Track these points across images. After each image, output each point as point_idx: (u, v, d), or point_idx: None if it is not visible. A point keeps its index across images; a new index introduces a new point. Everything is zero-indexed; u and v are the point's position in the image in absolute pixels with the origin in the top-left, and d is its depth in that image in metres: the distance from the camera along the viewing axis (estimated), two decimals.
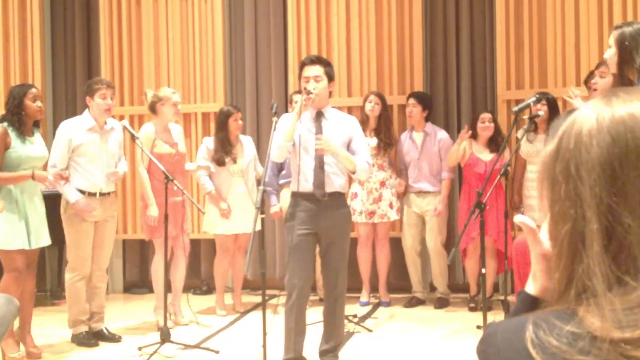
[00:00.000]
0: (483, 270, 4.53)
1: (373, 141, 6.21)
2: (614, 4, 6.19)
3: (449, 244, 6.43)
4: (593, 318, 0.86)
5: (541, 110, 5.57)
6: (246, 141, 6.22)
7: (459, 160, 6.18)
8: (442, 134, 6.40)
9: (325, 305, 4.46)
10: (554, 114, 5.69)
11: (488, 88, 6.76)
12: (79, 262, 5.17)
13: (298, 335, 4.31)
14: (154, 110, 5.62)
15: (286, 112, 5.91)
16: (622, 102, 0.91)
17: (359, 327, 5.59)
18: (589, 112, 0.92)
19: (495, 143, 6.07)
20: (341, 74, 6.67)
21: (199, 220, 6.52)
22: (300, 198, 4.31)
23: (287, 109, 6.36)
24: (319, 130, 4.34)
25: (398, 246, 6.57)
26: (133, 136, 5.11)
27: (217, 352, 4.95)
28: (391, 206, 6.33)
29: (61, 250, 6.64)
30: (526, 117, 5.39)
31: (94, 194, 5.18)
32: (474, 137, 6.12)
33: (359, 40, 6.78)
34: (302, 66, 4.42)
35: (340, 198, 4.39)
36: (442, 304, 6.33)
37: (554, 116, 5.64)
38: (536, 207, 5.65)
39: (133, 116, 7.04)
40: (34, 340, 4.98)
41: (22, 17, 7.27)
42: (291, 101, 6.06)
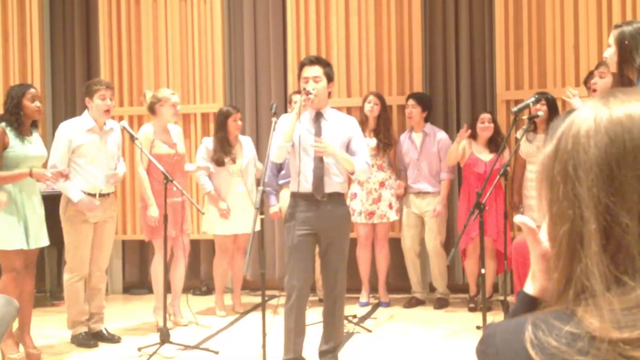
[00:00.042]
0: (482, 271, 4.54)
1: (372, 142, 6.21)
2: (613, 4, 6.19)
3: (448, 244, 6.43)
4: (592, 318, 0.86)
5: (540, 111, 5.57)
6: (245, 141, 6.22)
7: (458, 159, 6.18)
8: (441, 134, 6.40)
9: (324, 305, 4.46)
10: (553, 114, 5.69)
11: (487, 88, 6.76)
12: (77, 263, 5.17)
13: (297, 335, 4.32)
14: (153, 111, 5.62)
15: (285, 113, 5.91)
16: (620, 102, 0.92)
17: (358, 328, 5.59)
18: (587, 113, 0.93)
19: (495, 143, 6.07)
20: (340, 74, 6.67)
21: (199, 221, 6.52)
22: (299, 198, 4.31)
23: (287, 109, 6.36)
24: (319, 130, 4.34)
25: (397, 247, 6.57)
26: (132, 137, 5.11)
27: (216, 352, 4.95)
28: (390, 207, 6.33)
29: (60, 251, 6.64)
30: (525, 117, 5.39)
31: (93, 195, 5.18)
32: (473, 137, 6.12)
33: (358, 41, 6.78)
34: (301, 66, 4.42)
35: (339, 198, 4.39)
36: (441, 304, 6.33)
37: (553, 116, 5.64)
38: (535, 207, 5.65)
39: (132, 117, 7.04)
40: (34, 341, 4.98)
41: (21, 17, 7.27)
42: (290, 101, 6.05)
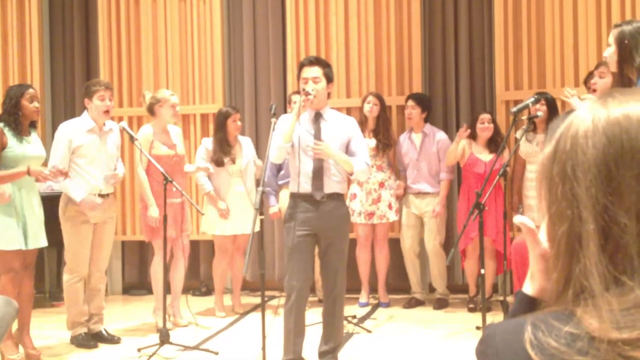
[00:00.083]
0: (482, 271, 4.54)
1: (372, 142, 6.21)
2: (612, 4, 6.19)
3: (448, 244, 6.43)
4: (591, 319, 0.86)
5: (540, 111, 5.57)
6: (245, 142, 6.22)
7: (457, 159, 6.18)
8: (440, 134, 6.40)
9: (324, 306, 4.46)
10: (552, 114, 5.69)
11: (487, 89, 6.76)
12: (77, 264, 5.17)
13: (297, 336, 4.31)
14: (152, 112, 5.62)
15: (285, 113, 5.91)
16: (618, 103, 0.92)
17: (358, 328, 5.59)
18: (586, 114, 0.93)
19: (495, 143, 6.07)
20: (340, 74, 6.67)
21: (198, 222, 6.52)
22: (299, 199, 4.31)
23: (286, 110, 6.36)
24: (318, 131, 4.34)
25: (397, 247, 6.57)
26: (132, 137, 5.10)
27: (216, 353, 4.95)
28: (390, 207, 6.33)
29: (60, 252, 6.63)
30: (525, 117, 5.39)
31: (93, 196, 5.18)
32: (473, 137, 6.12)
33: (357, 41, 6.78)
34: (300, 67, 4.42)
35: (339, 199, 4.39)
36: (441, 304, 6.33)
37: (552, 116, 5.64)
38: (535, 207, 5.65)
39: (132, 117, 7.04)
40: (33, 341, 4.98)
41: (20, 18, 7.27)
42: (290, 101, 6.06)
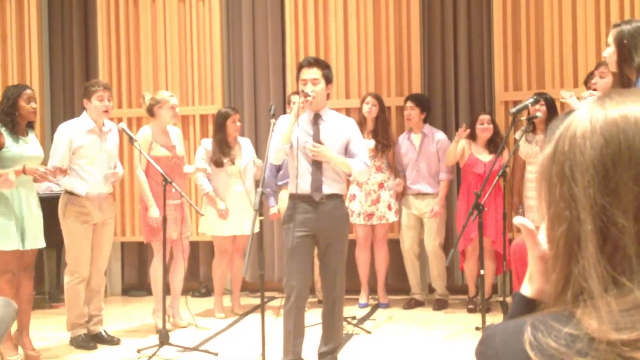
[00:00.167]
0: (482, 272, 4.54)
1: (371, 143, 6.21)
2: (611, 4, 6.19)
3: (447, 245, 6.43)
4: (590, 319, 0.86)
5: (539, 111, 5.57)
6: (244, 143, 6.22)
7: (456, 159, 6.18)
8: (439, 135, 6.40)
9: (323, 307, 4.45)
10: (552, 114, 5.68)
11: (486, 89, 6.77)
12: (78, 264, 5.16)
13: (297, 337, 4.31)
14: (151, 113, 5.62)
15: (284, 114, 5.91)
16: (615, 104, 0.92)
17: (357, 329, 5.59)
18: (584, 114, 0.93)
19: (495, 144, 6.07)
20: (339, 75, 6.67)
21: (197, 223, 6.52)
22: (298, 200, 4.31)
23: (285, 110, 6.36)
24: (317, 132, 4.34)
25: (396, 248, 6.57)
26: (131, 139, 5.10)
27: (215, 354, 4.94)
28: (389, 208, 6.33)
29: (59, 253, 6.64)
30: (524, 118, 5.39)
31: (92, 198, 5.17)
32: (472, 138, 6.12)
33: (356, 42, 6.78)
34: (299, 68, 4.41)
35: (338, 200, 4.38)
36: (440, 305, 6.33)
37: (552, 117, 5.63)
38: (535, 208, 5.65)
39: (131, 118, 7.04)
40: (33, 343, 4.97)
41: (19, 19, 7.27)
42: (289, 102, 6.06)
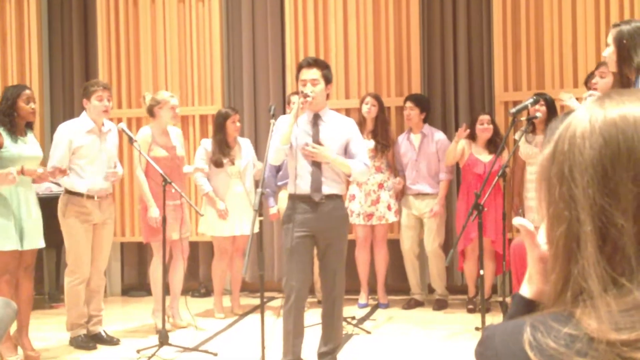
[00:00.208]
0: (481, 272, 4.54)
1: (370, 143, 6.20)
2: (610, 4, 6.19)
3: (447, 245, 6.43)
4: (590, 320, 0.86)
5: (539, 112, 5.57)
6: (244, 143, 6.22)
7: (456, 159, 6.18)
8: (439, 135, 6.40)
9: (323, 307, 4.45)
10: (551, 114, 5.68)
11: (485, 89, 6.77)
12: (78, 265, 5.16)
13: (296, 337, 4.31)
14: (152, 113, 5.61)
15: (284, 114, 5.91)
16: (615, 104, 0.92)
17: (357, 329, 5.59)
18: (583, 114, 0.93)
19: (494, 144, 6.07)
20: (339, 75, 6.67)
21: (197, 223, 6.51)
22: (297, 200, 4.31)
23: (285, 111, 6.37)
24: (316, 133, 4.34)
25: (396, 248, 6.57)
26: (131, 139, 5.10)
27: (215, 354, 4.94)
28: (389, 208, 6.33)
29: (59, 253, 6.63)
30: (524, 118, 5.39)
31: (92, 197, 5.17)
32: (472, 138, 6.12)
33: (356, 42, 6.78)
34: (299, 69, 4.41)
35: (337, 200, 4.38)
36: (440, 305, 6.33)
37: (552, 117, 5.63)
38: (535, 208, 5.64)
39: (131, 119, 7.03)
40: (32, 343, 4.97)
41: (19, 19, 7.27)
42: (289, 102, 6.05)
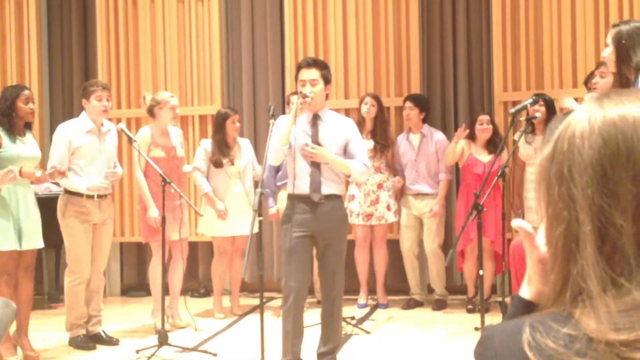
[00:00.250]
0: (480, 272, 4.54)
1: (369, 143, 6.20)
2: (610, 4, 6.20)
3: (447, 245, 6.43)
4: (589, 320, 0.86)
5: (538, 112, 5.57)
6: (244, 143, 6.22)
7: (456, 159, 6.18)
8: (438, 135, 6.40)
9: (322, 307, 4.45)
10: (551, 115, 5.68)
11: (485, 89, 6.77)
12: (78, 265, 5.16)
13: (295, 337, 4.31)
14: (152, 114, 5.62)
15: (283, 114, 5.91)
16: (614, 104, 0.92)
17: (356, 329, 5.59)
18: (582, 114, 0.93)
19: (494, 144, 6.07)
20: (338, 75, 6.67)
21: (197, 223, 6.51)
22: (296, 200, 4.30)
23: (284, 111, 6.37)
24: (316, 133, 4.34)
25: (396, 248, 6.57)
26: (130, 139, 5.09)
27: (214, 354, 4.94)
28: (389, 208, 6.33)
29: (58, 254, 6.63)
30: (523, 118, 5.39)
31: (91, 197, 5.17)
32: (472, 138, 6.12)
33: (356, 42, 6.78)
34: (298, 69, 4.41)
35: (336, 200, 4.38)
36: (439, 305, 6.33)
37: (551, 117, 5.63)
38: (535, 208, 5.64)
39: (130, 119, 7.03)
40: (31, 343, 4.97)
41: (18, 19, 7.27)
42: (288, 102, 6.05)
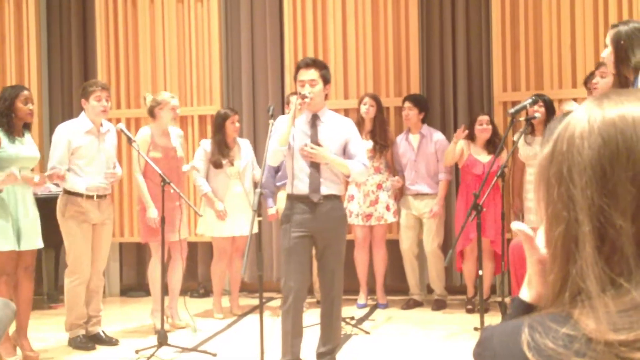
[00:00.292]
0: (480, 272, 4.54)
1: (368, 144, 6.20)
2: (609, 4, 6.20)
3: (446, 245, 6.43)
4: (588, 320, 0.86)
5: (538, 112, 5.57)
6: (244, 144, 6.22)
7: (455, 160, 6.18)
8: (438, 135, 6.40)
9: (322, 307, 4.45)
10: (550, 116, 5.69)
11: (484, 90, 6.77)
12: (78, 266, 5.15)
13: (295, 337, 4.31)
14: (152, 114, 5.62)
15: (283, 114, 5.91)
16: (614, 104, 0.92)
17: (356, 329, 5.59)
18: (582, 114, 0.93)
19: (493, 145, 6.08)
20: (337, 76, 6.67)
21: (196, 223, 6.51)
22: (295, 200, 4.30)
23: (284, 111, 6.37)
24: (315, 133, 4.33)
25: (395, 248, 6.57)
26: (129, 139, 5.09)
27: (214, 354, 4.94)
28: (388, 209, 6.33)
29: (58, 254, 6.63)
30: (522, 119, 5.39)
31: (91, 197, 5.17)
32: (471, 139, 6.12)
33: (355, 42, 6.78)
34: (297, 69, 4.40)
35: (336, 200, 4.38)
36: (439, 305, 6.33)
37: (550, 118, 5.64)
38: (534, 209, 5.64)
39: (129, 119, 7.03)
40: (31, 344, 4.97)
41: (18, 20, 7.27)
42: (288, 102, 6.06)
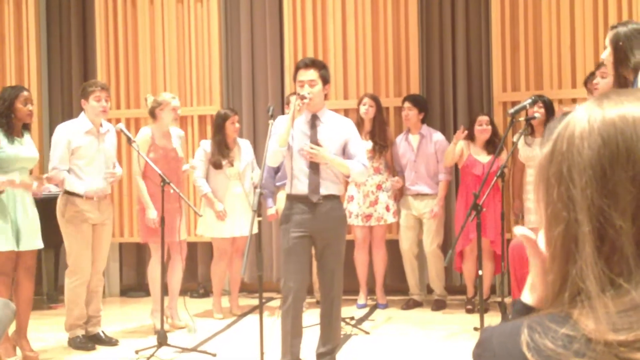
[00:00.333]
0: (480, 272, 4.54)
1: (368, 144, 6.20)
2: (609, 4, 6.20)
3: (446, 245, 6.43)
4: (587, 320, 0.86)
5: (537, 113, 5.57)
6: (244, 144, 6.22)
7: (455, 160, 6.18)
8: (437, 135, 6.41)
9: (321, 307, 4.45)
10: (550, 116, 5.69)
11: (484, 90, 6.77)
12: (78, 266, 5.15)
13: (294, 338, 4.31)
14: (153, 115, 5.62)
15: (283, 114, 5.90)
16: (614, 104, 0.92)
17: (356, 330, 5.59)
18: (582, 114, 0.93)
19: (493, 145, 6.07)
20: (337, 76, 6.67)
21: (196, 224, 6.51)
22: (295, 200, 4.30)
23: (284, 111, 6.37)
24: (314, 133, 4.33)
25: (395, 248, 6.57)
26: (129, 139, 5.09)
27: (214, 355, 4.94)
28: (388, 209, 6.33)
29: (57, 254, 6.63)
30: (522, 119, 5.39)
31: (91, 197, 5.17)
32: (471, 139, 6.12)
33: (355, 43, 6.78)
34: (296, 70, 4.40)
35: (335, 200, 4.37)
36: (439, 306, 6.33)
37: (550, 119, 5.64)
38: (534, 210, 5.64)
39: (129, 119, 7.03)
40: (31, 344, 4.96)
41: (17, 20, 7.26)
42: (288, 103, 6.06)
